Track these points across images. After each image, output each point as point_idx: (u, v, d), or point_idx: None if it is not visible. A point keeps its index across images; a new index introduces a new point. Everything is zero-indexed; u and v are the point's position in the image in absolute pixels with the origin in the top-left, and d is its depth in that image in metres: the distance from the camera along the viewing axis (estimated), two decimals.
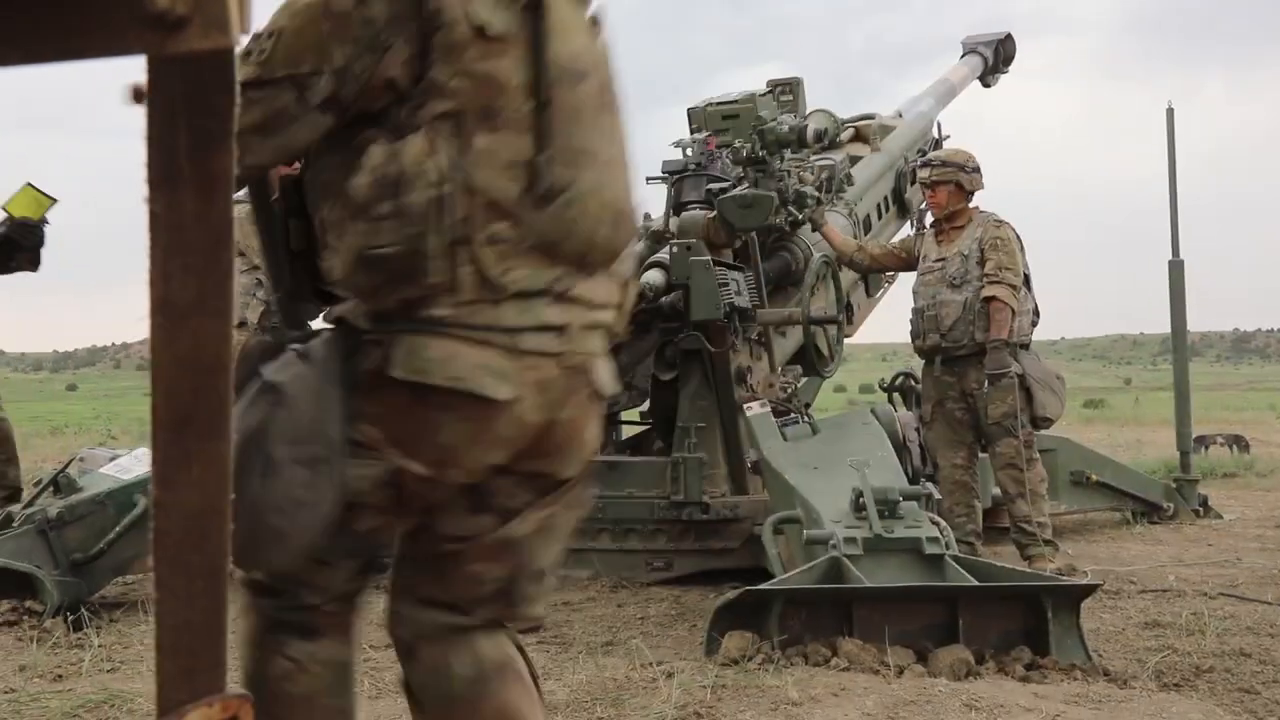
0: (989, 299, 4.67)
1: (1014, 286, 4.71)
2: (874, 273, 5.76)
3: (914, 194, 6.62)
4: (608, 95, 1.52)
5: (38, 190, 4.79)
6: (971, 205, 4.99)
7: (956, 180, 4.91)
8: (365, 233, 1.37)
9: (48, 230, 4.79)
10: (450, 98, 1.38)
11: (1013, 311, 4.67)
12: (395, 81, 1.37)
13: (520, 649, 1.58)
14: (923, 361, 5.13)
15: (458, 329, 1.38)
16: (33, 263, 4.82)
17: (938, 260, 4.93)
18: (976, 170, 4.96)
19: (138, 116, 0.56)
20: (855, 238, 5.90)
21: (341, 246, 1.40)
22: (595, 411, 1.56)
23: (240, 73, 1.10)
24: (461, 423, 1.40)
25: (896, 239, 5.32)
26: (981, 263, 4.79)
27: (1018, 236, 4.87)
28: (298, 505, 1.35)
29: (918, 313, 4.97)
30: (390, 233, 1.36)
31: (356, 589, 1.55)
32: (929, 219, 5.21)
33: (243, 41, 0.53)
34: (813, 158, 5.63)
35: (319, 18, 1.36)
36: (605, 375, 1.55)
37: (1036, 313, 4.99)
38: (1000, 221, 4.87)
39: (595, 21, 1.54)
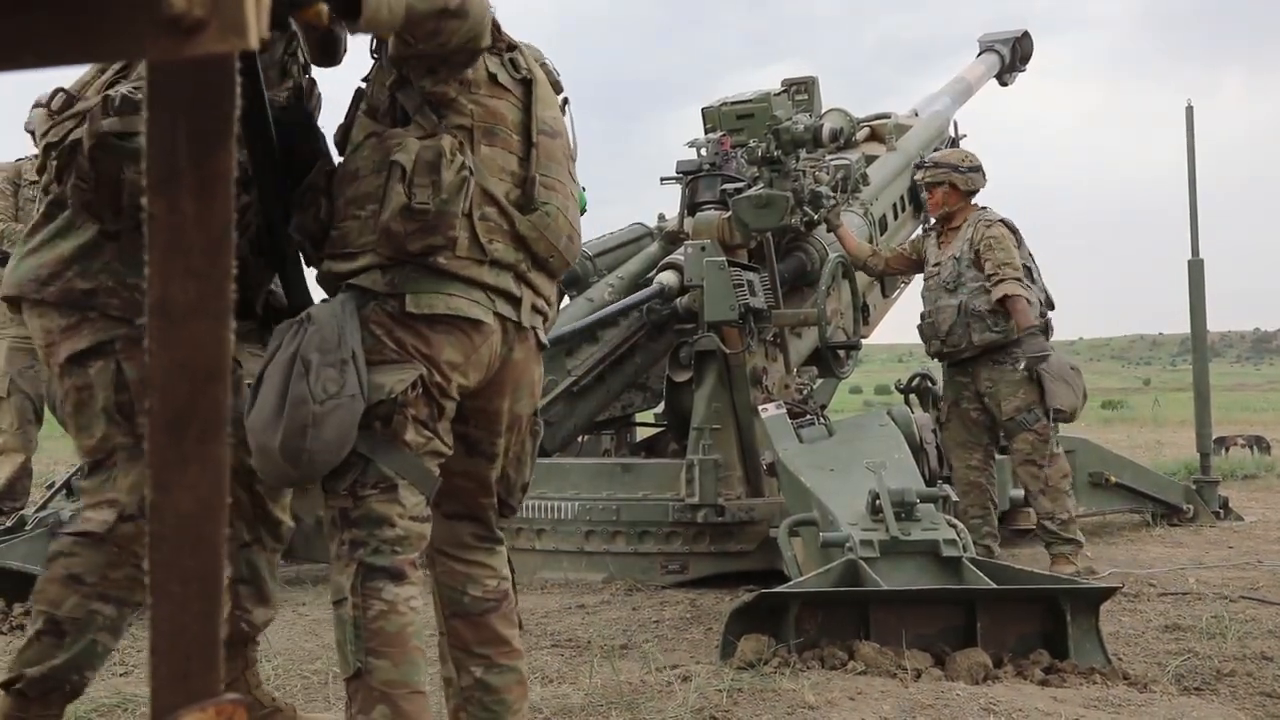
0: (1003, 299, 4.63)
1: (1018, 280, 4.67)
2: (888, 276, 5.74)
3: None
4: (569, 152, 2.15)
5: None
6: (972, 204, 4.95)
7: (950, 181, 4.87)
8: (409, 194, 1.89)
9: None
10: (466, 116, 1.96)
11: (1028, 300, 4.64)
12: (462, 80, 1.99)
13: (509, 563, 2.20)
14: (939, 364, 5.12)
15: (452, 279, 1.93)
16: None
17: (935, 264, 4.91)
18: (974, 170, 4.91)
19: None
20: (871, 239, 5.88)
21: (385, 205, 1.91)
22: (538, 358, 2.14)
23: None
24: (458, 344, 1.95)
25: (909, 241, 5.29)
26: (975, 265, 4.74)
27: (1014, 230, 4.80)
28: (330, 395, 1.82)
29: (923, 318, 4.96)
30: (429, 196, 1.89)
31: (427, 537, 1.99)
32: (931, 220, 5.18)
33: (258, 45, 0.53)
34: (828, 157, 5.62)
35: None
36: (543, 335, 2.14)
37: (1048, 303, 4.96)
38: (991, 220, 4.79)
39: (565, 102, 2.19)
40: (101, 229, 2.02)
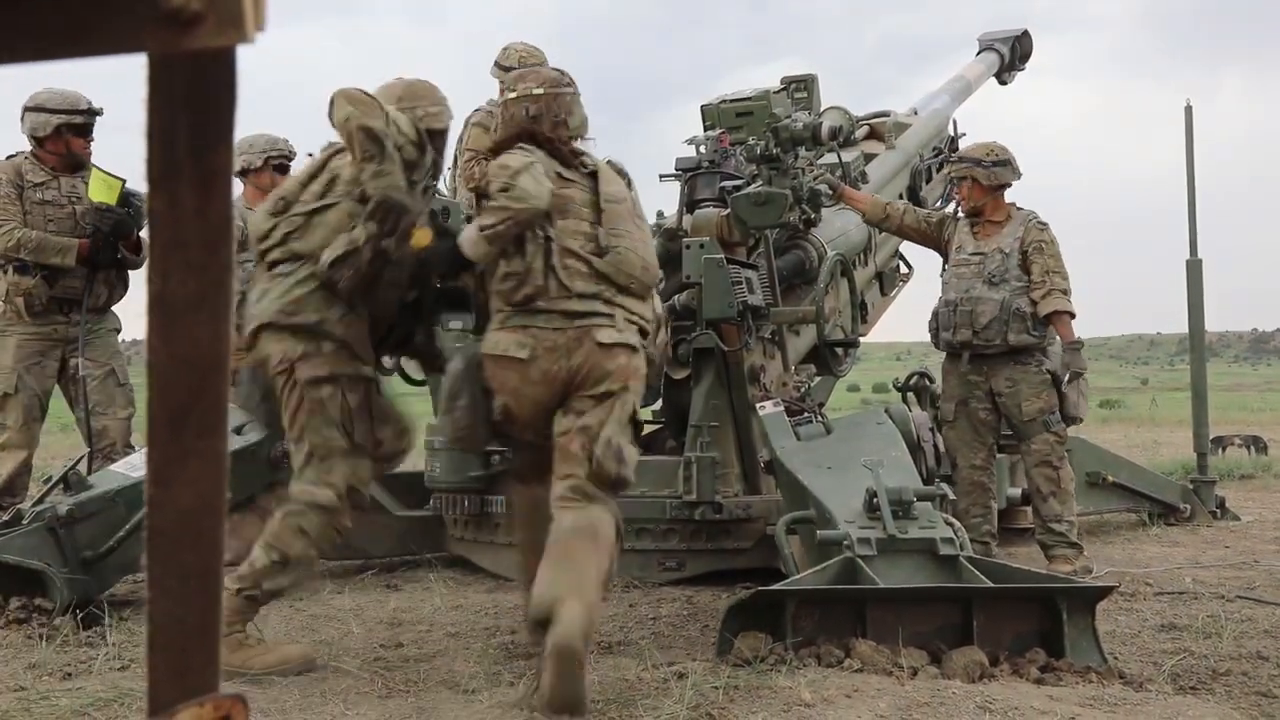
0: (1051, 314, 4.74)
1: (1065, 291, 4.76)
2: (900, 236, 5.67)
3: (929, 192, 6.58)
4: (633, 209, 3.12)
5: (104, 172, 4.76)
6: (1009, 201, 4.98)
7: (972, 175, 4.90)
8: (506, 263, 2.93)
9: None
10: None
11: (1071, 314, 4.77)
12: None
13: (614, 521, 3.00)
14: (944, 358, 5.08)
15: (546, 313, 2.91)
16: (131, 250, 4.85)
17: (975, 254, 4.90)
18: (999, 164, 4.91)
19: (138, 112, 0.55)
20: (869, 238, 5.87)
21: (493, 276, 2.96)
22: (608, 353, 2.93)
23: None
24: (512, 375, 2.93)
25: (935, 219, 5.23)
26: (1023, 265, 4.78)
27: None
28: (488, 395, 2.96)
29: (949, 305, 4.91)
30: (518, 263, 2.93)
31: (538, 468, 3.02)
32: (959, 211, 5.17)
33: (258, 39, 0.53)
34: (827, 155, 5.61)
35: None
36: (608, 334, 2.93)
37: None
38: (1044, 224, 4.87)
39: (626, 178, 3.17)
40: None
